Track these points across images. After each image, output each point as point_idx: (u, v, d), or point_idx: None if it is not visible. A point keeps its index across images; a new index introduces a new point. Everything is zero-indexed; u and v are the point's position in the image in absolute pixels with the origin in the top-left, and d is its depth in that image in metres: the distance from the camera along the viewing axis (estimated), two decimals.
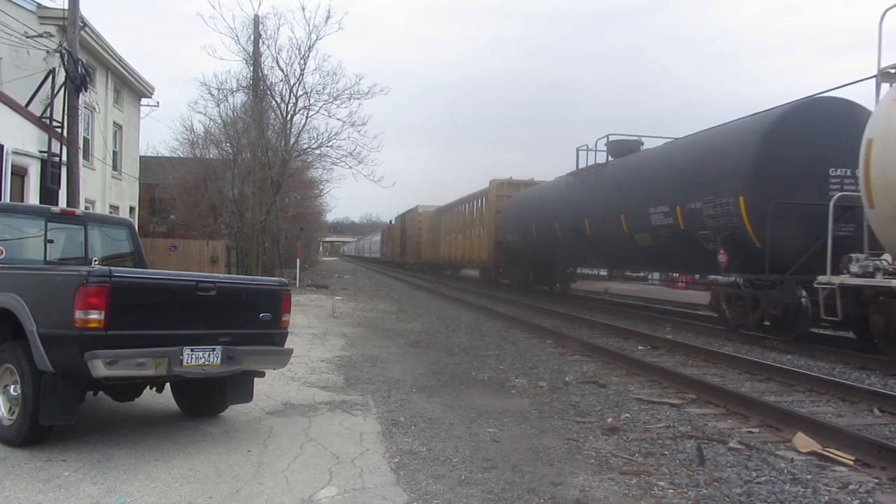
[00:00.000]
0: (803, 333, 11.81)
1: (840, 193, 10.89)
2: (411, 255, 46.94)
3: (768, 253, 11.89)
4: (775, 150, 11.93)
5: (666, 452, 5.58)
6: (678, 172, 14.64)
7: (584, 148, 19.81)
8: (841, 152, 10.98)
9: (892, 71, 10.21)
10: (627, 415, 6.93)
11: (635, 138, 19.08)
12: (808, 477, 4.94)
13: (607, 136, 19.03)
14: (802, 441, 5.74)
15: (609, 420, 6.67)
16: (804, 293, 11.18)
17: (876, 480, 4.90)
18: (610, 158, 19.11)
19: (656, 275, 18.70)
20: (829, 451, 5.50)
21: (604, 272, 31.35)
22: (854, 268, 10.03)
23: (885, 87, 10.31)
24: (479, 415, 6.73)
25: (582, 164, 20.00)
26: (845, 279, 10.09)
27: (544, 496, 4.48)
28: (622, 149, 18.79)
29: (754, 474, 5.00)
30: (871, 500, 4.55)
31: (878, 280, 9.55)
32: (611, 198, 17.49)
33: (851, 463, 5.28)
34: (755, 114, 13.42)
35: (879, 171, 9.42)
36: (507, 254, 26.94)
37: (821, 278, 10.52)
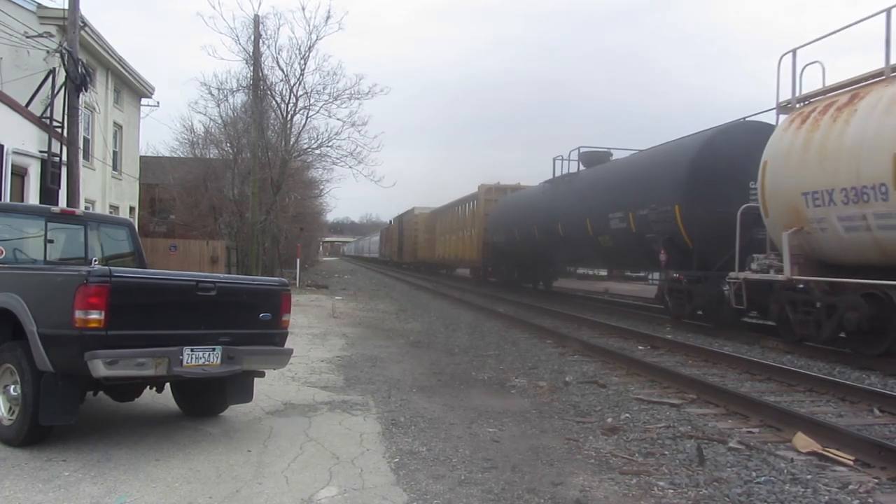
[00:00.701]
0: (736, 322, 13.79)
1: (745, 205, 12.65)
2: (408, 255, 48.46)
3: (696, 253, 14.22)
4: (704, 166, 14.09)
5: (666, 452, 5.58)
6: (631, 183, 16.68)
7: (560, 158, 21.98)
8: (757, 168, 12.20)
9: (786, 104, 12.23)
10: (627, 415, 6.93)
11: (604, 150, 20.92)
12: (808, 477, 4.94)
13: (579, 147, 21.21)
14: (802, 441, 5.74)
15: (609, 420, 6.67)
16: (726, 286, 13.18)
17: (876, 480, 4.90)
18: (582, 168, 21.11)
19: (655, 275, 20.19)
20: (829, 451, 5.50)
21: (603, 272, 32.07)
22: (754, 266, 12.22)
23: (782, 117, 12.38)
24: (479, 415, 6.73)
25: (558, 173, 22.09)
26: (748, 275, 12.24)
27: (544, 496, 4.48)
28: (592, 159, 20.79)
29: (754, 474, 5.00)
30: (871, 500, 4.55)
31: (770, 275, 11.79)
32: (579, 204, 19.47)
33: (851, 463, 5.28)
34: (692, 134, 15.76)
35: (771, 187, 11.57)
36: (494, 254, 28.79)
37: (731, 274, 12.72)
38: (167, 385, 6.28)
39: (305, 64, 26.75)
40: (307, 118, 27.70)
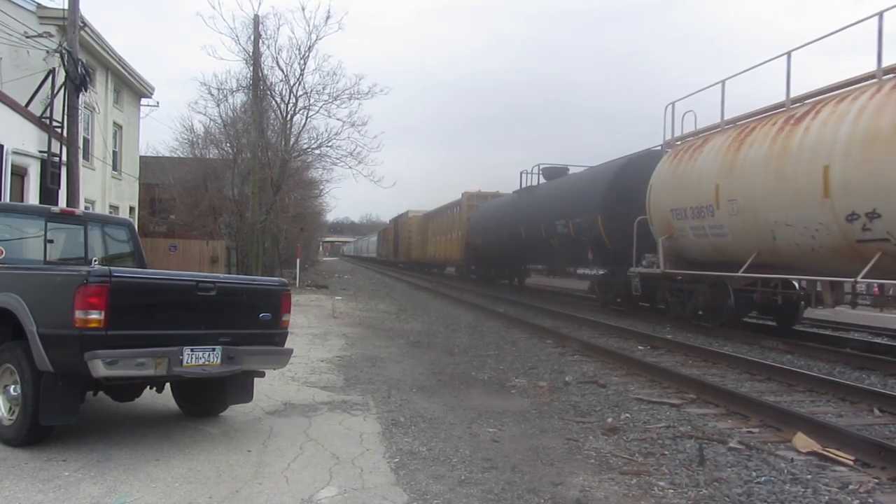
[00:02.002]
0: (636, 305, 17.94)
1: (640, 217, 16.05)
2: (403, 255, 50.99)
3: (613, 253, 17.85)
4: (617, 187, 17.67)
5: (666, 452, 5.58)
6: (571, 197, 20.70)
7: (525, 171, 25.91)
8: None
9: (668, 143, 16.02)
10: (627, 415, 6.93)
11: (562, 166, 24.58)
12: (808, 477, 4.94)
13: (539, 164, 25.19)
14: (802, 441, 5.74)
15: (609, 420, 6.67)
16: (638, 279, 16.44)
17: (876, 480, 4.90)
18: (542, 181, 24.91)
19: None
20: (829, 451, 5.50)
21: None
22: (645, 263, 15.89)
23: (666, 151, 16.04)
24: (479, 415, 6.73)
25: (525, 184, 25.97)
26: (640, 270, 15.98)
27: (544, 496, 4.48)
28: (551, 174, 24.57)
29: (754, 474, 5.00)
30: (871, 500, 4.55)
31: (652, 270, 15.45)
32: (536, 212, 23.08)
33: (851, 463, 5.28)
34: (612, 161, 19.74)
35: (653, 204, 15.59)
36: (475, 254, 32.30)
37: (630, 270, 16.37)
38: (167, 385, 6.27)
39: (305, 64, 26.79)
40: (307, 118, 27.74)
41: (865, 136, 9.68)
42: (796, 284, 12.84)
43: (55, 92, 17.37)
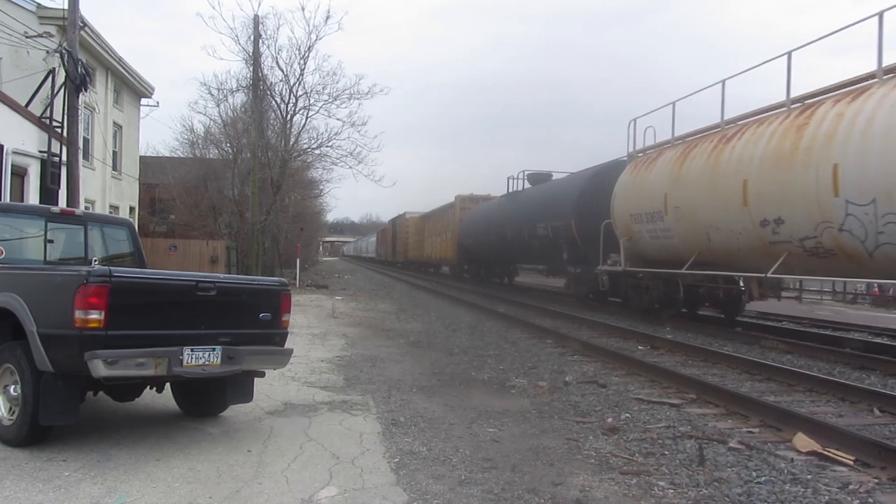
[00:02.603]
0: (605, 298, 19.33)
1: (606, 221, 17.67)
2: (400, 255, 52.55)
3: (584, 253, 19.61)
4: (589, 193, 19.50)
5: (666, 452, 5.58)
6: (550, 202, 22.40)
7: (512, 177, 28.22)
8: None
9: (631, 154, 17.53)
10: (627, 415, 6.93)
11: (546, 172, 26.42)
12: (808, 477, 4.94)
13: (524, 171, 27.34)
14: (802, 441, 5.74)
15: (609, 420, 6.67)
16: (605, 276, 18.07)
17: (876, 480, 4.90)
18: (527, 185, 26.92)
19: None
20: (829, 451, 5.50)
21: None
22: (610, 262, 17.59)
23: (630, 162, 17.47)
24: (479, 415, 6.73)
25: (512, 189, 28.18)
26: (606, 268, 17.71)
27: (544, 496, 4.48)
28: (535, 179, 26.56)
29: (754, 474, 5.00)
30: (871, 500, 4.55)
31: (615, 268, 17.14)
32: (521, 215, 24.80)
33: (851, 463, 5.28)
34: (585, 170, 21.72)
35: (617, 209, 17.17)
36: (467, 254, 34.24)
37: (598, 268, 18.06)
38: (167, 385, 6.27)
39: (305, 64, 26.79)
40: (307, 118, 27.74)
41: (773, 156, 11.33)
42: (741, 281, 14.62)
43: (55, 92, 17.37)
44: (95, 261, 6.80)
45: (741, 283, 14.60)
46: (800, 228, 10.86)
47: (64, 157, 16.19)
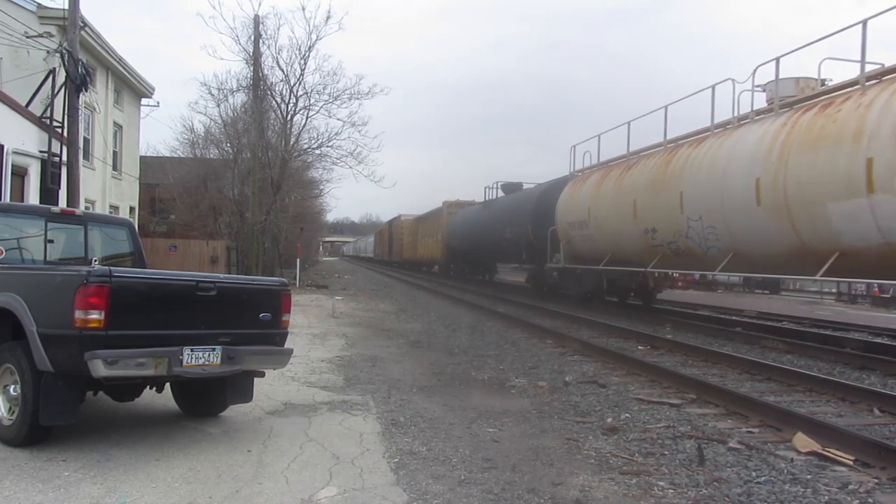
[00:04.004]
0: (556, 292, 22.53)
1: (552, 227, 21.07)
2: (396, 255, 55.55)
3: (538, 253, 22.70)
4: (542, 205, 22.76)
5: (666, 452, 5.58)
6: (513, 211, 26.02)
7: (488, 186, 32.06)
8: None
9: (572, 174, 21.45)
10: (627, 415, 6.93)
11: (518, 183, 29.88)
12: (808, 477, 4.94)
13: (497, 182, 31.09)
14: (802, 441, 5.74)
15: (609, 420, 6.67)
16: (555, 272, 21.45)
17: (876, 480, 4.90)
18: (501, 194, 30.49)
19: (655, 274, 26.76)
20: (829, 451, 5.50)
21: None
22: (554, 260, 21.03)
23: (570, 180, 21.30)
24: (479, 415, 6.73)
25: (489, 197, 31.89)
26: (551, 265, 21.37)
27: (544, 496, 4.48)
28: (508, 189, 29.94)
29: (754, 474, 5.00)
30: (871, 500, 4.55)
31: (558, 265, 20.71)
32: (493, 221, 28.54)
33: (851, 463, 5.28)
34: (539, 184, 25.74)
35: (559, 218, 20.81)
36: (453, 254, 37.81)
37: (546, 265, 21.85)
38: (167, 385, 6.27)
39: (305, 64, 26.77)
40: (307, 118, 27.73)
41: (651, 182, 15.38)
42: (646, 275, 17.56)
43: (55, 92, 17.37)
44: (95, 261, 6.80)
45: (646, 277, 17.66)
46: (666, 236, 14.79)
47: (64, 157, 16.19)
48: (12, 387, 5.19)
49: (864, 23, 10.07)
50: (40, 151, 17.00)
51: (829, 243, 10.30)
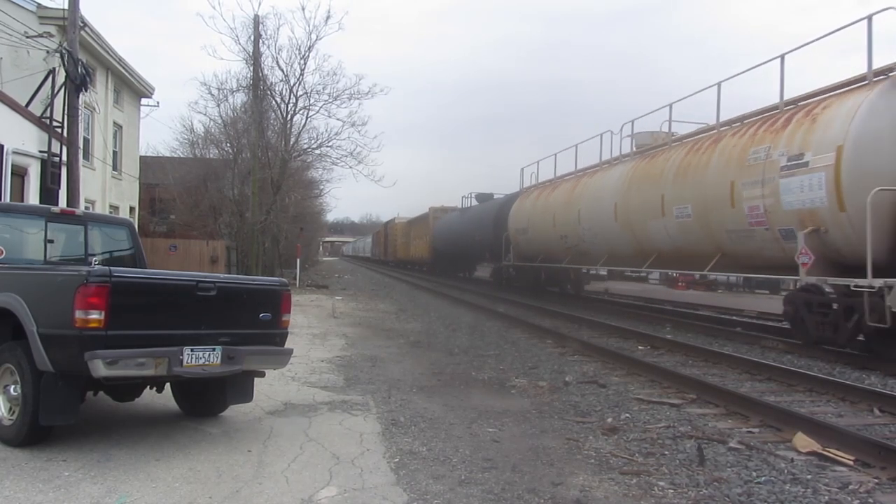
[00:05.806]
0: (511, 286, 27.19)
1: (506, 232, 26.23)
2: (391, 255, 59.19)
3: (497, 254, 27.85)
4: (500, 214, 27.85)
5: (666, 452, 5.58)
6: (482, 217, 31.66)
7: (464, 196, 37.95)
8: None
9: (522, 190, 26.57)
10: (627, 415, 6.93)
11: (489, 193, 35.22)
12: (808, 477, 4.94)
13: (472, 192, 37.02)
14: (802, 441, 5.74)
15: (609, 420, 6.67)
16: (511, 269, 27.09)
17: (876, 480, 4.90)
18: (475, 203, 36.23)
19: (656, 274, 31.91)
20: (829, 451, 5.50)
21: (604, 271, 36.95)
22: (506, 259, 26.71)
23: (520, 195, 26.50)
24: (479, 415, 6.73)
25: (465, 205, 37.76)
26: (504, 263, 27.08)
27: (544, 496, 4.48)
28: (482, 198, 35.57)
29: (754, 474, 5.00)
30: (871, 500, 4.55)
31: (509, 262, 26.63)
32: (466, 226, 34.24)
33: (851, 463, 5.28)
34: (500, 197, 31.69)
35: (510, 225, 25.87)
36: (438, 255, 42.26)
37: (501, 263, 27.82)
38: (167, 385, 6.27)
39: (305, 64, 26.76)
40: (307, 118, 27.71)
41: (563, 201, 20.86)
42: (585, 269, 23.53)
43: (55, 92, 17.35)
44: (95, 261, 6.79)
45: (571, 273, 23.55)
46: (572, 240, 20.22)
47: (64, 157, 16.18)
48: (12, 387, 5.20)
49: (667, 106, 16.17)
50: (40, 151, 16.99)
51: (651, 247, 15.97)
